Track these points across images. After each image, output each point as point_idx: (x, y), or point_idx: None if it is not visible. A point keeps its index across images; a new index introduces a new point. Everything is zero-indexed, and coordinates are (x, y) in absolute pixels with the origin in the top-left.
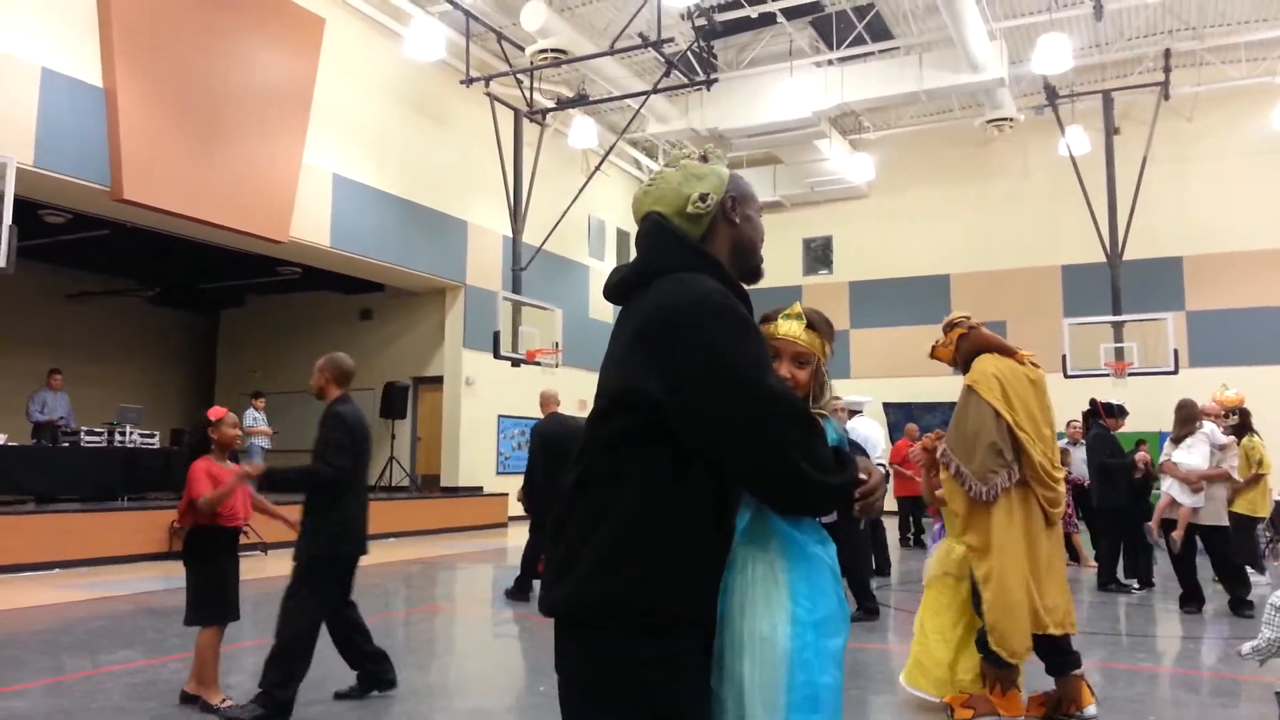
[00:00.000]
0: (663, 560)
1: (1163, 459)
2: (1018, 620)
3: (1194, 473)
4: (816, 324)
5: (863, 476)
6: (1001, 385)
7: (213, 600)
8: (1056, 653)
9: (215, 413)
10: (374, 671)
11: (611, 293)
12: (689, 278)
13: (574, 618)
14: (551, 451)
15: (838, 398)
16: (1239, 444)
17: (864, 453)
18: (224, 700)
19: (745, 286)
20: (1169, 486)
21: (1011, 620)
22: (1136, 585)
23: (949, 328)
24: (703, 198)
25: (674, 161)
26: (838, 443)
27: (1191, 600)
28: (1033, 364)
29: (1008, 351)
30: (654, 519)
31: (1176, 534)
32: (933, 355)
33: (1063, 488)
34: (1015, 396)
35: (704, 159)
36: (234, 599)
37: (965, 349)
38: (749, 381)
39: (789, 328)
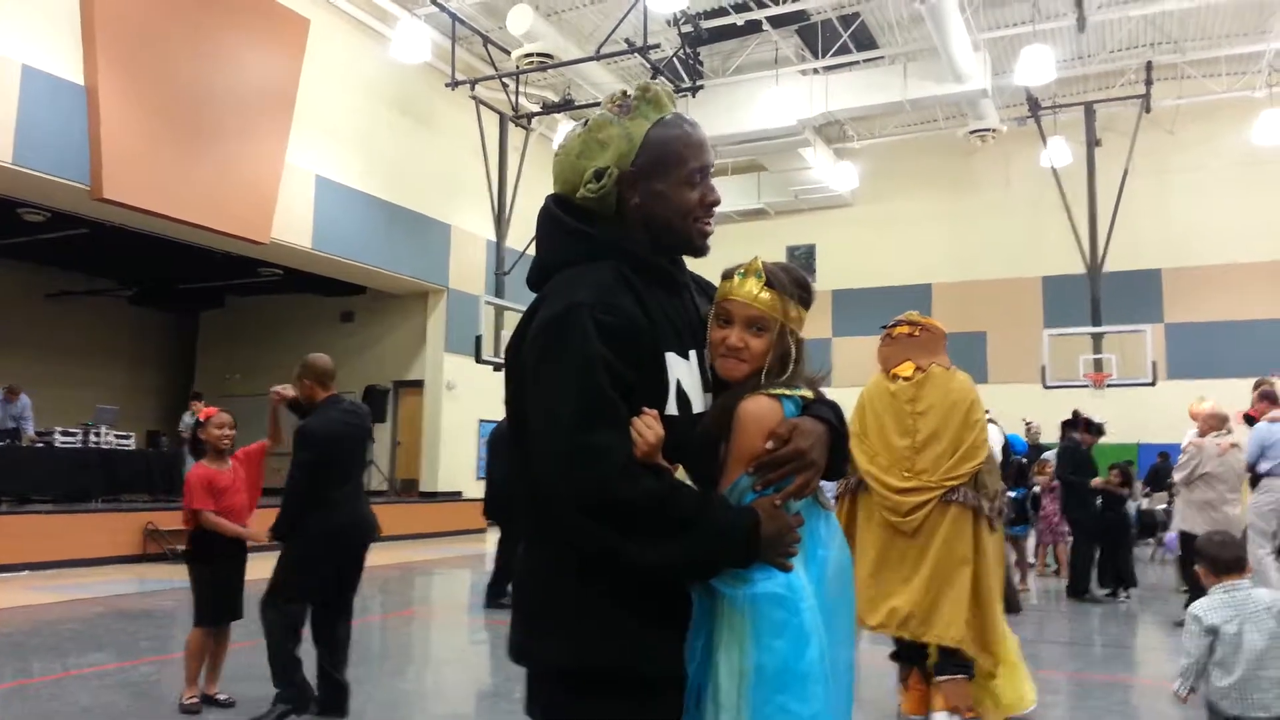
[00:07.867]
0: (567, 612)
1: None
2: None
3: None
4: (779, 282)
5: (769, 446)
6: (861, 402)
7: (203, 601)
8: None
9: (204, 414)
10: (323, 695)
11: (531, 285)
12: (572, 278)
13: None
14: (495, 451)
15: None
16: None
17: None
18: (191, 697)
19: (694, 258)
20: None
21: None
22: (1124, 593)
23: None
24: (598, 176)
25: (587, 121)
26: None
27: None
28: (916, 371)
29: (885, 370)
30: (555, 565)
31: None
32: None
33: (910, 498)
34: (870, 411)
35: (622, 107)
36: (228, 601)
37: None
38: (555, 428)
39: (742, 288)
